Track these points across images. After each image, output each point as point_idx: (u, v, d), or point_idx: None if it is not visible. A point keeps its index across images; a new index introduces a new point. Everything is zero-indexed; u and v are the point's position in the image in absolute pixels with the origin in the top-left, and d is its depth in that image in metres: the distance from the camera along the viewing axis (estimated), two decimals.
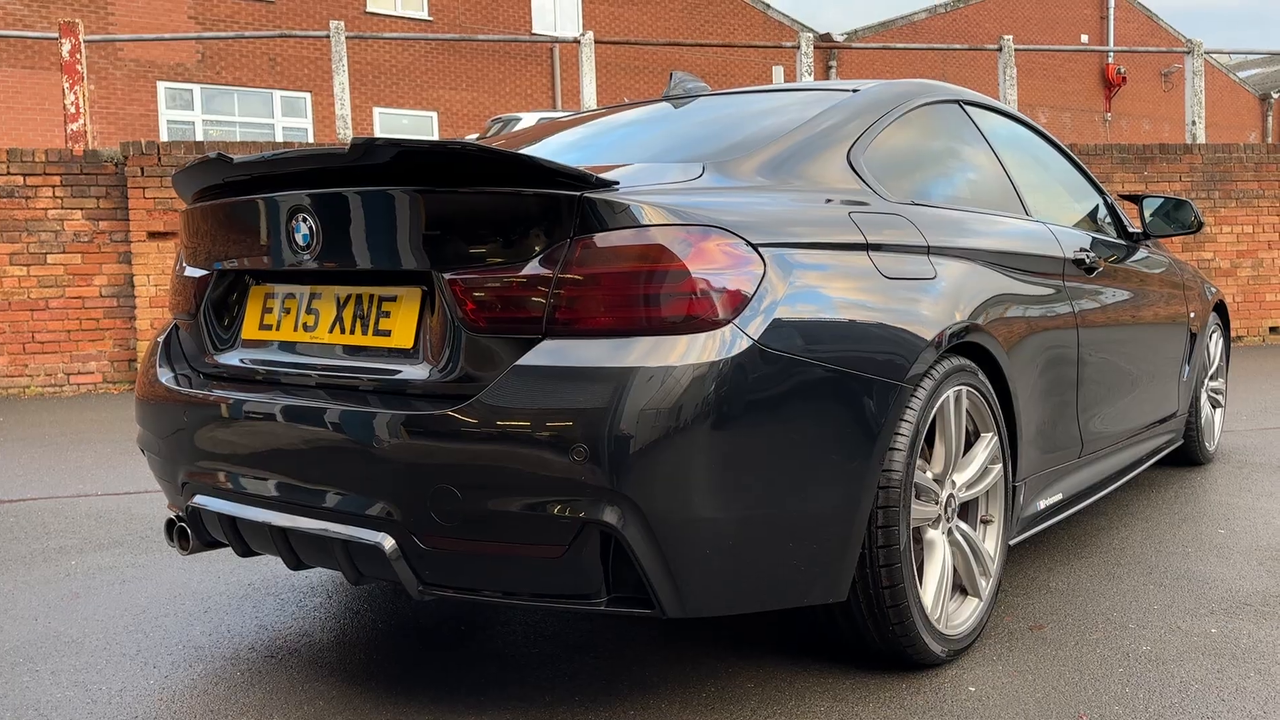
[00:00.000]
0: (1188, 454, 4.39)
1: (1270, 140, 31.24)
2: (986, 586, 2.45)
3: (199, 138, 18.18)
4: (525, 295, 1.84)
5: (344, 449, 1.96)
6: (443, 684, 2.27)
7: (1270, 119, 31.99)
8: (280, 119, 19.11)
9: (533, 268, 1.84)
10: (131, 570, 3.24)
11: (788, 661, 2.34)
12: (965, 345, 2.36)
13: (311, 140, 19.31)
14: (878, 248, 2.20)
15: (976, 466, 2.42)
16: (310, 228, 2.05)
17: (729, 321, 1.84)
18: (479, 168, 1.89)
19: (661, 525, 1.78)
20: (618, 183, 1.90)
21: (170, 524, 2.38)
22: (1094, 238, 3.37)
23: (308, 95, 19.38)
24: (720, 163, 2.19)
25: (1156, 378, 3.72)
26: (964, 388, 2.33)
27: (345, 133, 9.05)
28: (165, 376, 2.36)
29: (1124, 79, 28.65)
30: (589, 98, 9.47)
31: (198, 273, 2.37)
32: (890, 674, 2.25)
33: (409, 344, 2.00)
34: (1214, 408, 4.66)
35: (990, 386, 2.45)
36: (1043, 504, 2.85)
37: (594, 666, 2.34)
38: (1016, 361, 2.56)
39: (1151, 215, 3.77)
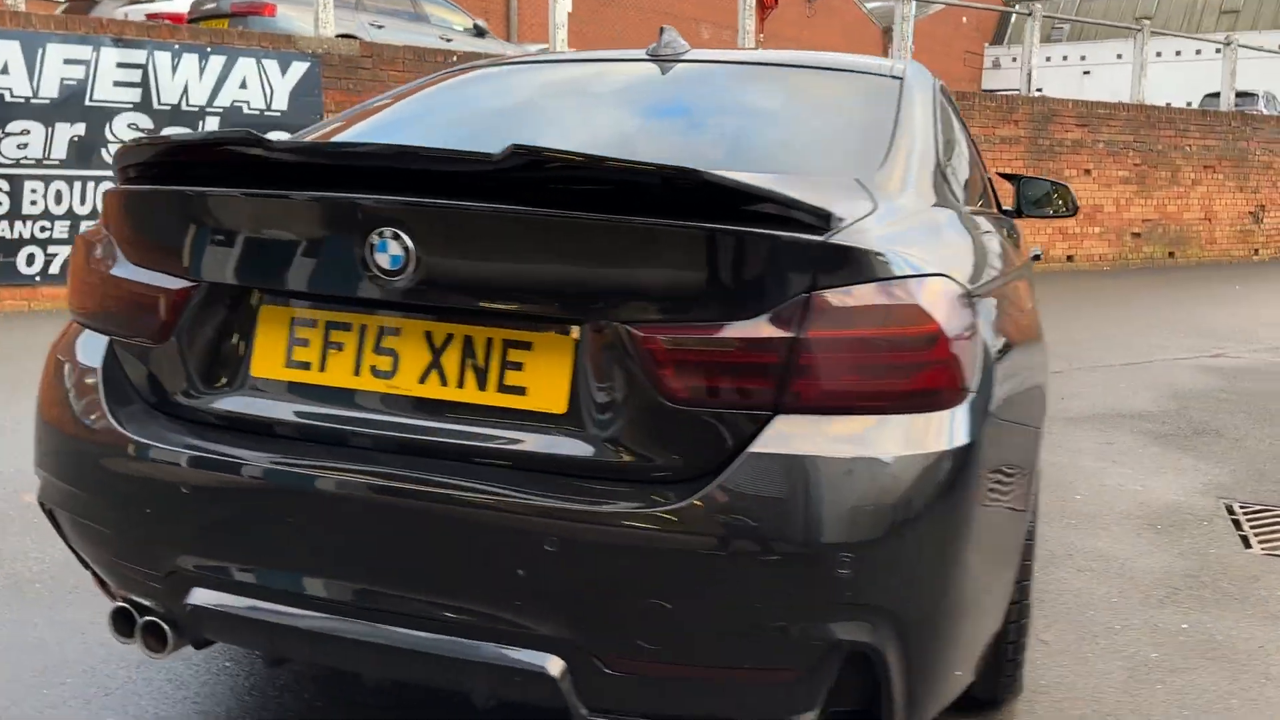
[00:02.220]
0: None
1: None
2: None
3: None
4: (750, 361, 1.47)
5: (480, 545, 1.50)
6: None
7: (890, 50, 35.28)
8: None
9: (760, 326, 1.47)
10: None
11: None
12: None
13: None
14: (1017, 274, 2.03)
15: None
16: (405, 247, 1.52)
17: (970, 390, 1.58)
18: (683, 194, 1.47)
19: (916, 636, 1.53)
20: (846, 219, 1.56)
21: (124, 614, 1.75)
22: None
23: None
24: (874, 183, 1.88)
25: None
26: None
27: None
28: (127, 423, 1.69)
29: (777, 1, 30.28)
30: None
31: (166, 281, 1.70)
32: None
33: (560, 408, 1.54)
34: None
35: None
36: None
37: None
38: None
39: (1026, 196, 3.89)
